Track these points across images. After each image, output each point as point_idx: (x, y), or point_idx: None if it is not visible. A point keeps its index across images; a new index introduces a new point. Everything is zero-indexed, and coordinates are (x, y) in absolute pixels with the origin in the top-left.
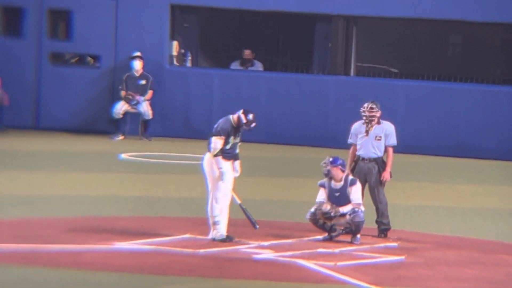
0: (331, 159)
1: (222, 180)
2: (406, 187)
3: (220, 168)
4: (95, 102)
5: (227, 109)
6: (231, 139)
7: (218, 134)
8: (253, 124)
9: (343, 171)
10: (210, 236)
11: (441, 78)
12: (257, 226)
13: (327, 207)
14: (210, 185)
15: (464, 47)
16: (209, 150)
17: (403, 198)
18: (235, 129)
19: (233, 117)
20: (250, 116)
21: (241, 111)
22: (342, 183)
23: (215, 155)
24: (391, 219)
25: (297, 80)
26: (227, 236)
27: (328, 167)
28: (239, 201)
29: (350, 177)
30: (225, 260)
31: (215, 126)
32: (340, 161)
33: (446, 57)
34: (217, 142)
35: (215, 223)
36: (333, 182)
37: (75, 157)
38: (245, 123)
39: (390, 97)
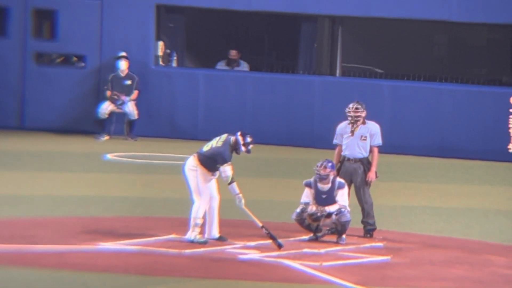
0: (330, 164)
1: (241, 204)
2: (392, 187)
3: (237, 193)
4: (80, 102)
5: (213, 109)
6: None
7: (225, 162)
8: (251, 146)
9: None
10: (186, 237)
11: (427, 78)
12: (282, 245)
13: (312, 208)
14: (192, 190)
15: (449, 47)
16: (215, 170)
17: (389, 198)
18: (233, 151)
19: (232, 139)
20: (248, 139)
21: (239, 133)
22: (329, 185)
23: (230, 183)
24: (377, 219)
25: (282, 80)
26: (220, 237)
27: (330, 172)
28: (260, 224)
29: (338, 179)
30: (211, 260)
31: (215, 151)
32: (332, 164)
33: (432, 58)
34: (227, 170)
35: (196, 225)
36: (319, 184)
37: (60, 157)
38: (243, 144)
39: (376, 98)
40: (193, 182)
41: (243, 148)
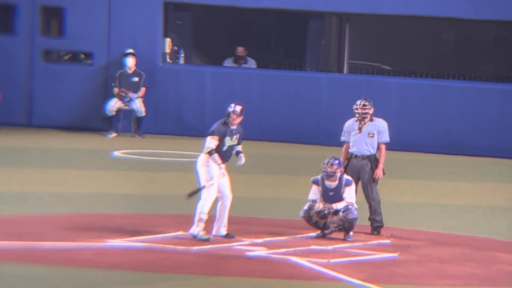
0: (337, 161)
1: (212, 179)
2: (399, 184)
3: (219, 163)
4: (88, 99)
5: (220, 106)
6: (227, 140)
7: (212, 133)
8: (234, 115)
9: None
10: (190, 231)
11: (434, 75)
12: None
13: (319, 206)
14: (201, 184)
15: (456, 44)
16: (225, 155)
17: (396, 195)
18: (227, 125)
19: (226, 115)
20: (238, 108)
21: (233, 104)
22: (336, 182)
23: (209, 153)
24: (384, 217)
25: (290, 77)
26: (227, 234)
27: (336, 169)
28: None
29: (345, 177)
30: (218, 257)
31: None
32: (338, 161)
33: (439, 54)
34: (210, 142)
35: (200, 220)
36: (327, 181)
37: (67, 154)
38: (232, 112)
39: (383, 94)
40: (203, 177)
41: (232, 116)
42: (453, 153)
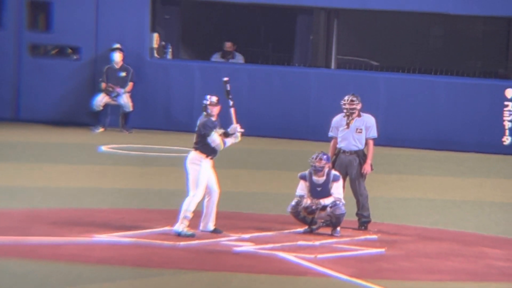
0: (325, 156)
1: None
2: (387, 180)
3: (232, 142)
4: (75, 94)
5: None
6: (218, 130)
7: (209, 130)
8: (212, 106)
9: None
10: (174, 229)
11: (422, 71)
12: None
13: (307, 201)
14: (190, 182)
15: (445, 39)
16: (216, 151)
17: (384, 190)
18: (210, 117)
19: (203, 110)
20: (214, 98)
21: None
22: (324, 177)
23: (224, 143)
24: (372, 212)
25: (278, 72)
26: (215, 229)
27: (325, 164)
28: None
29: (333, 172)
30: (206, 252)
31: (199, 130)
32: (327, 156)
33: (427, 50)
34: (214, 140)
35: (185, 218)
36: (315, 177)
37: (55, 149)
38: (209, 104)
39: (371, 90)
40: (192, 175)
41: (210, 107)
42: (440, 148)
